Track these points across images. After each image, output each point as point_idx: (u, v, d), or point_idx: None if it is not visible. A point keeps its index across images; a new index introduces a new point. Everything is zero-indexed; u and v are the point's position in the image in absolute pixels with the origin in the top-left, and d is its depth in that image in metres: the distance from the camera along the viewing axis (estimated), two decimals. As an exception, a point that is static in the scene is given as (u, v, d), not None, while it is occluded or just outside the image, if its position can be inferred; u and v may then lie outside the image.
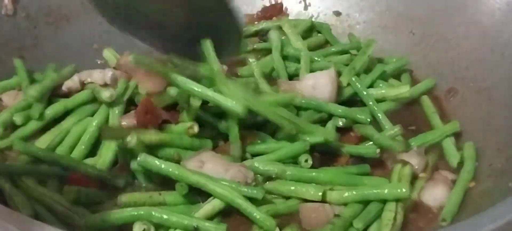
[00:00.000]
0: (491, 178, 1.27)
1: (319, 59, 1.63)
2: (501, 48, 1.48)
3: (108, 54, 1.68)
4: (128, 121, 1.37)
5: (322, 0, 1.89)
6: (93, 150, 1.37)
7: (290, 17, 1.88)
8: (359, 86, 1.52)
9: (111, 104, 1.42)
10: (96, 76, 1.48)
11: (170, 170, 1.20)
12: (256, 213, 1.17)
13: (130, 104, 1.45)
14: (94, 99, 1.45)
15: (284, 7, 1.89)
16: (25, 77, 1.50)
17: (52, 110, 1.43)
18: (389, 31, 1.79)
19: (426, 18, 1.71)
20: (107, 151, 1.32)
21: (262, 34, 1.78)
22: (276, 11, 1.86)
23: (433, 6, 1.69)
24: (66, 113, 1.44)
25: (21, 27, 1.62)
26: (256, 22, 1.82)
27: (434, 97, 1.58)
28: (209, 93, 1.27)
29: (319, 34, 1.79)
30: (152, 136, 1.28)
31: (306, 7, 1.90)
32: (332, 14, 1.87)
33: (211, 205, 1.20)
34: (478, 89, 1.50)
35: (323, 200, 1.23)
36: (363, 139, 1.41)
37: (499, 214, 0.94)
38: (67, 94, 1.48)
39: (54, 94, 1.48)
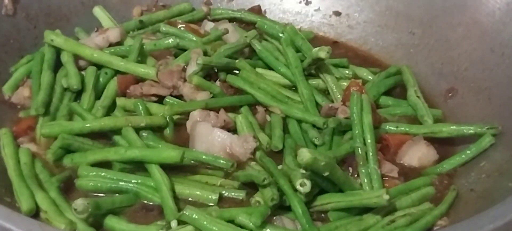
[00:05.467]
0: (491, 178, 1.26)
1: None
2: (501, 48, 1.48)
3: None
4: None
5: (322, 0, 1.89)
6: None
7: (289, 17, 1.89)
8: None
9: None
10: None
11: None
12: None
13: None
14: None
15: (263, 9, 1.88)
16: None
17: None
18: (389, 31, 1.79)
19: (426, 18, 1.71)
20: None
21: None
22: (254, 13, 1.83)
23: (433, 6, 1.69)
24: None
25: (21, 27, 1.62)
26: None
27: (434, 97, 1.58)
28: None
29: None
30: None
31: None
32: (332, 14, 1.87)
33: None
34: (478, 89, 1.50)
35: None
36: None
37: (499, 214, 0.95)
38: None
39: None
